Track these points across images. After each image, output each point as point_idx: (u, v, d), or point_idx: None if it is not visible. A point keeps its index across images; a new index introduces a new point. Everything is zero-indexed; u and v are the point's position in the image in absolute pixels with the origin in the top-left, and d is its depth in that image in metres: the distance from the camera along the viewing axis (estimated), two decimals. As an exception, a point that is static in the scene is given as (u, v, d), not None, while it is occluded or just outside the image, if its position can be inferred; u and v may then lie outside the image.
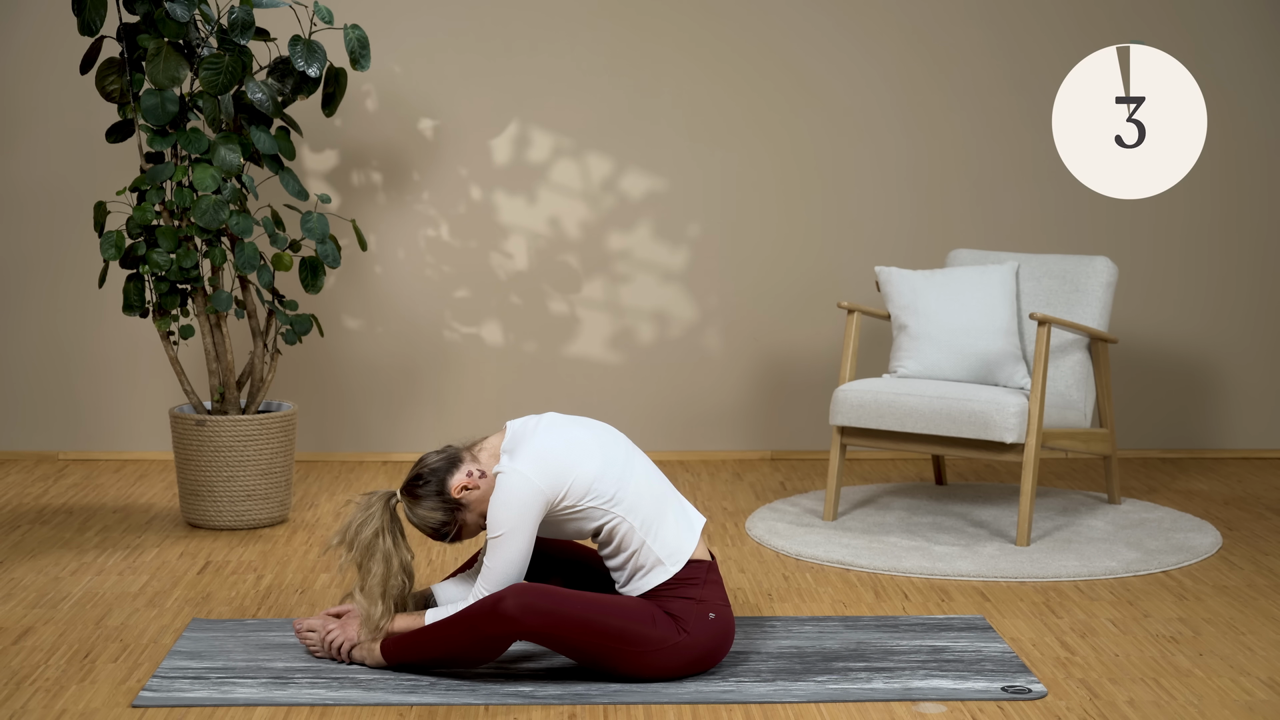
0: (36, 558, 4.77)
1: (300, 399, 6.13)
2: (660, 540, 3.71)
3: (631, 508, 3.70)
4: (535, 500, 3.65)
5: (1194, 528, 5.15)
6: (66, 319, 6.14)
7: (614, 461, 3.73)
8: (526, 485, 3.65)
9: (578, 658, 3.68)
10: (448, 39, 6.10)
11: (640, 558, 3.70)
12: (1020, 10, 6.18)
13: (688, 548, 3.73)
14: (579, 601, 3.63)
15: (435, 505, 3.74)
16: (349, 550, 3.75)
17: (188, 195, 4.97)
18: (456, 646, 3.65)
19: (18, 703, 3.57)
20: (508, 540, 3.65)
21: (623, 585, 3.75)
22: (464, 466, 3.75)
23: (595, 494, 3.69)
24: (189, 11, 4.88)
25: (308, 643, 3.85)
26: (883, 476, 5.97)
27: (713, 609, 3.71)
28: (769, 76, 6.16)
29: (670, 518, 3.75)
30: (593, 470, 3.69)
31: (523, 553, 3.67)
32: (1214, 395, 6.35)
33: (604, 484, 3.69)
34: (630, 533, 3.69)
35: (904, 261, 6.09)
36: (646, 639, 3.64)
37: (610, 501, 3.69)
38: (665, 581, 3.69)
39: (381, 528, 3.73)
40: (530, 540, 3.67)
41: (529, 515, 3.65)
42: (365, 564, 3.73)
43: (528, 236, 6.17)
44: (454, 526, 3.76)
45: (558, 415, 3.82)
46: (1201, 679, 3.76)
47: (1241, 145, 6.26)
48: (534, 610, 3.59)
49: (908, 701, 3.60)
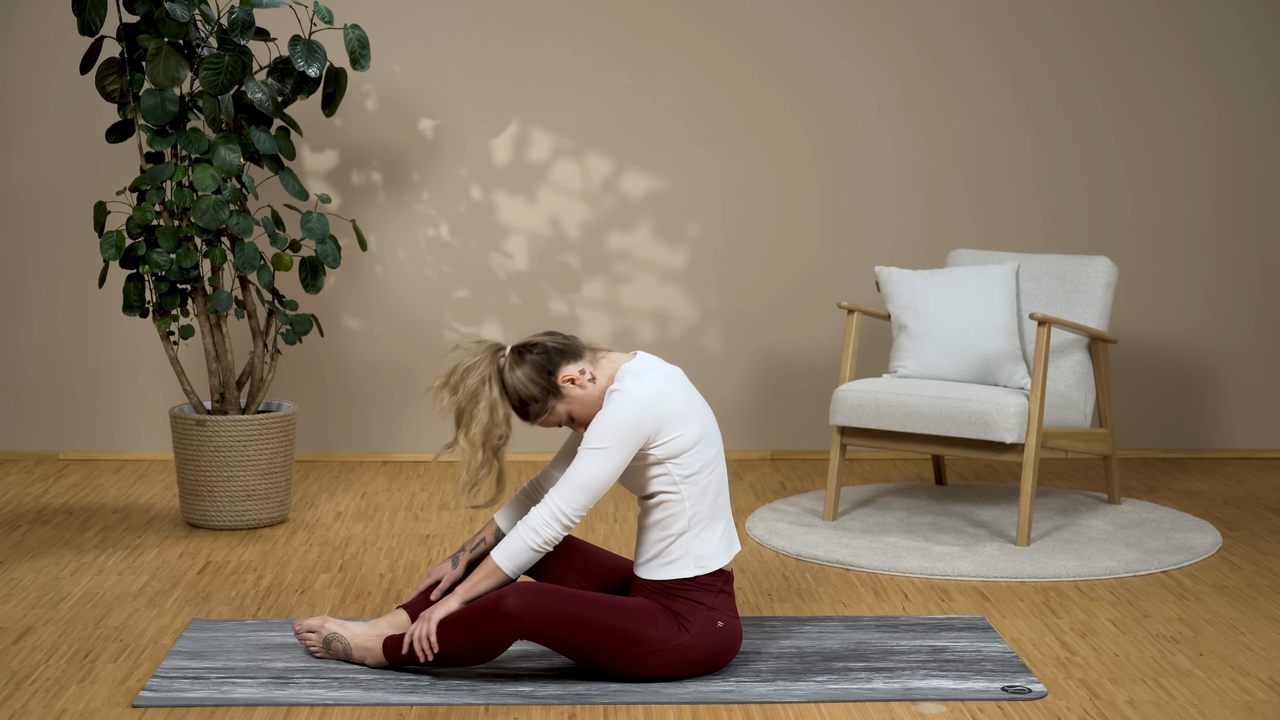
0: (36, 558, 4.77)
1: (300, 399, 6.13)
2: (701, 540, 3.70)
3: (698, 496, 3.69)
4: (640, 429, 3.62)
5: (1194, 528, 5.15)
6: (67, 319, 6.14)
7: (709, 444, 3.72)
8: (641, 410, 3.62)
9: (578, 657, 3.68)
10: (448, 39, 6.10)
11: (676, 547, 3.69)
12: (1019, 10, 6.17)
13: (719, 561, 3.72)
14: (581, 601, 3.62)
15: (536, 379, 3.68)
16: (451, 394, 3.66)
17: (188, 195, 4.97)
18: (457, 645, 3.65)
19: (18, 703, 3.57)
20: (603, 456, 3.62)
21: (642, 563, 3.74)
22: (581, 362, 3.72)
23: (680, 461, 3.67)
24: (189, 11, 4.88)
25: (307, 643, 3.85)
26: (883, 476, 5.97)
27: (722, 618, 3.71)
28: (769, 77, 6.16)
29: (720, 527, 3.75)
30: (692, 437, 3.67)
31: (609, 474, 3.63)
32: (1214, 395, 6.35)
33: (692, 457, 3.68)
34: (680, 516, 3.68)
35: (904, 261, 6.09)
36: (648, 639, 3.64)
37: (686, 479, 3.67)
38: (683, 579, 3.69)
39: (488, 376, 3.66)
40: (620, 465, 3.63)
41: (631, 439, 3.62)
42: (468, 410, 3.65)
43: (528, 236, 6.18)
44: (542, 409, 3.70)
45: (683, 374, 3.79)
46: (1201, 679, 3.76)
47: (1241, 145, 6.26)
48: (536, 609, 3.58)
49: (908, 701, 3.60)
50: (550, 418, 3.74)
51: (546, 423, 3.75)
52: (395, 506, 5.46)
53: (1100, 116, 6.22)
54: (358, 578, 4.58)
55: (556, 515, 3.64)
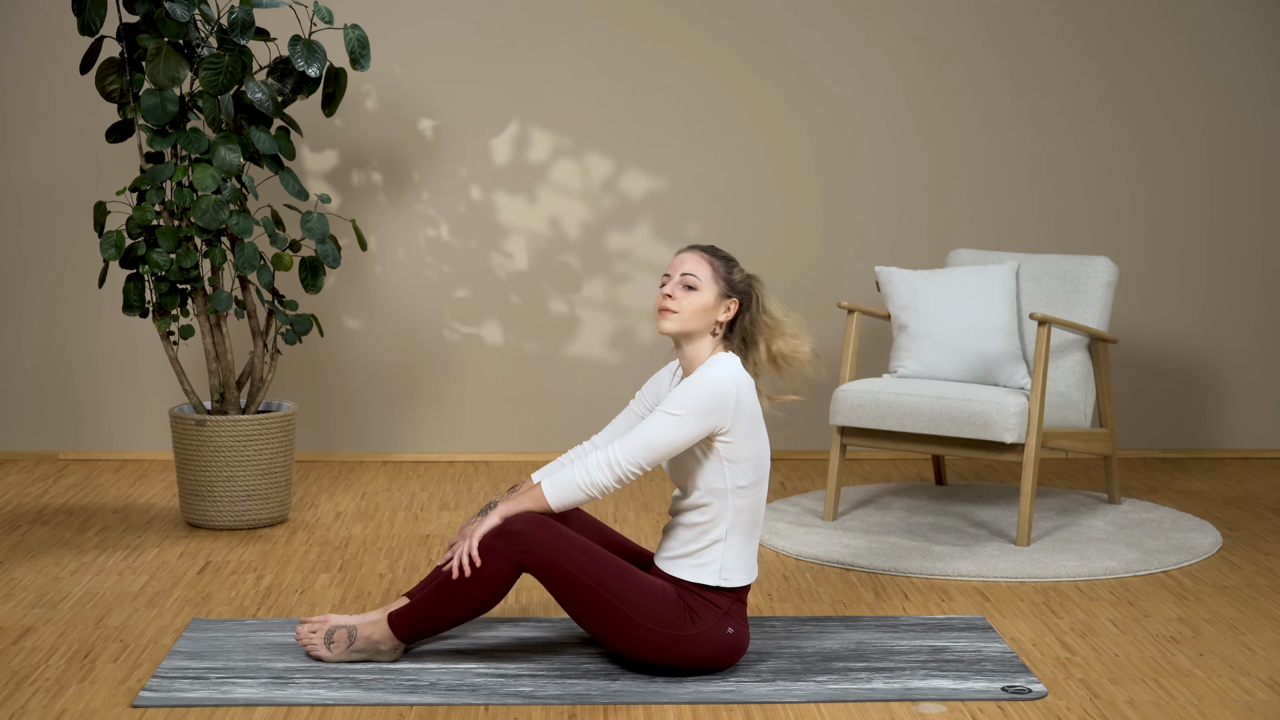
0: (36, 558, 4.77)
1: (300, 399, 6.13)
2: (734, 554, 3.71)
3: (744, 509, 3.70)
4: (722, 409, 3.63)
5: (1194, 528, 5.15)
6: (67, 319, 6.14)
7: (765, 464, 3.73)
8: (726, 391, 3.64)
9: (575, 607, 3.66)
10: (448, 39, 6.10)
11: (708, 553, 3.69)
12: (1019, 10, 6.18)
13: (742, 579, 3.73)
14: (589, 546, 3.64)
15: (732, 269, 3.80)
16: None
17: (188, 195, 4.97)
18: (460, 586, 3.64)
19: (18, 703, 3.57)
20: (677, 423, 3.62)
21: (668, 557, 3.74)
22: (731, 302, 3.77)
23: (741, 467, 3.67)
24: (189, 11, 4.88)
25: (309, 644, 3.83)
26: (883, 476, 5.97)
27: (733, 624, 3.71)
28: (768, 77, 6.16)
29: (752, 549, 3.75)
30: (759, 448, 3.70)
31: (677, 441, 3.62)
32: (1214, 395, 6.35)
33: (751, 469, 3.69)
34: (721, 523, 3.68)
35: (904, 261, 6.09)
36: (648, 612, 3.64)
37: (739, 489, 3.68)
38: (703, 585, 3.70)
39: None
40: (689, 438, 3.63)
41: (709, 416, 3.62)
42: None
43: (528, 236, 6.18)
44: (710, 287, 3.74)
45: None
46: (1201, 679, 3.76)
47: (1241, 145, 6.26)
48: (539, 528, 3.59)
49: (908, 701, 3.60)
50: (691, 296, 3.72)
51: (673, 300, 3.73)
52: (395, 506, 5.46)
53: (1100, 116, 6.22)
54: (358, 578, 4.58)
55: (612, 463, 3.64)
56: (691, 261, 3.76)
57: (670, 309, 3.73)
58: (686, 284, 3.74)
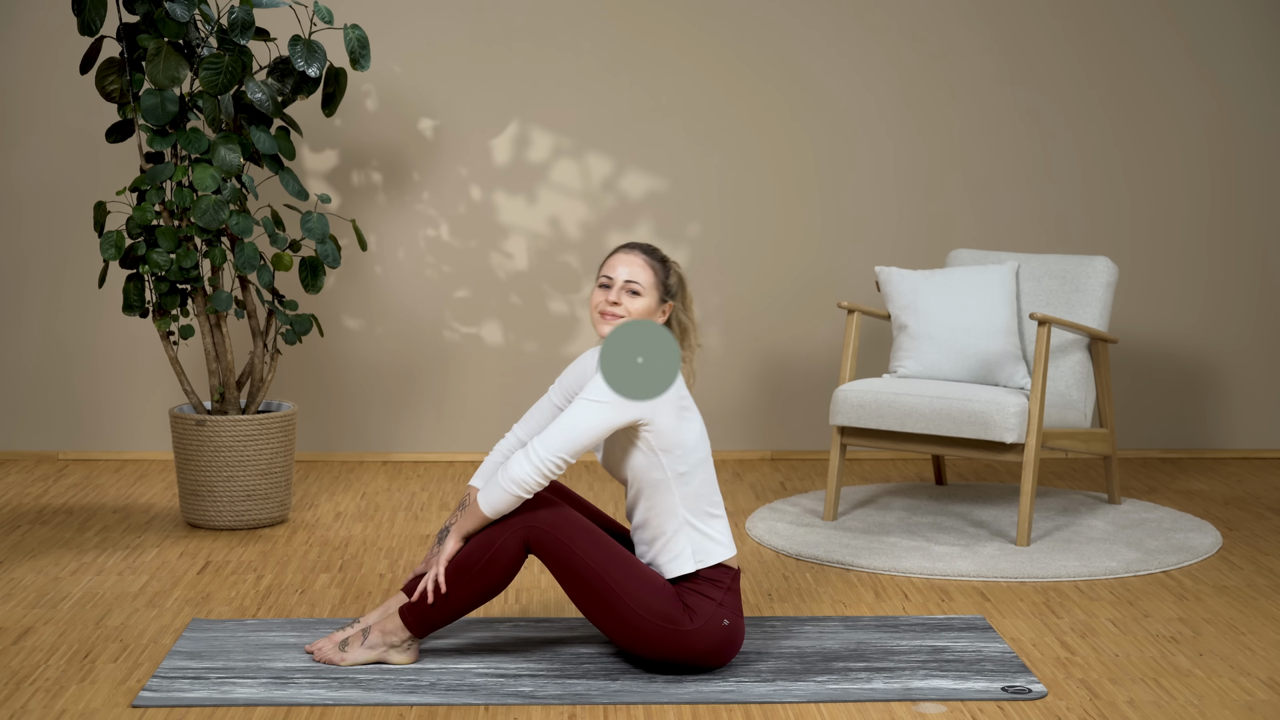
0: (36, 558, 4.77)
1: (300, 399, 6.13)
2: (700, 535, 3.71)
3: (691, 496, 3.71)
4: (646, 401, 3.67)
5: (1194, 528, 5.15)
6: (66, 319, 6.14)
7: (700, 446, 3.74)
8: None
9: (575, 590, 3.67)
10: (448, 39, 6.10)
11: (675, 542, 3.70)
12: (1019, 10, 6.18)
13: (720, 554, 3.73)
14: (594, 531, 3.66)
15: (668, 273, 3.84)
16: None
17: (188, 195, 4.97)
18: (470, 572, 3.65)
19: (18, 703, 3.57)
20: (596, 411, 3.64)
21: (647, 559, 3.76)
22: (668, 306, 3.83)
23: (675, 454, 3.68)
24: (189, 11, 4.88)
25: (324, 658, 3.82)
26: (883, 476, 5.97)
27: (728, 616, 3.72)
28: (768, 77, 6.16)
29: (719, 524, 3.76)
30: (690, 431, 3.71)
31: (599, 431, 3.64)
32: (1214, 395, 6.35)
33: (686, 452, 3.69)
34: (673, 514, 3.69)
35: (904, 261, 6.09)
36: (645, 604, 3.64)
37: (682, 475, 3.69)
38: (690, 575, 3.70)
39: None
40: (607, 431, 3.65)
41: (631, 406, 3.64)
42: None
43: (528, 236, 6.18)
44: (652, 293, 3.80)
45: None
46: (1201, 679, 3.76)
47: (1241, 145, 6.26)
48: (546, 507, 3.64)
49: (908, 701, 3.60)
50: (635, 300, 3.78)
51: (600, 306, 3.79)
52: (395, 506, 5.46)
53: (1100, 116, 6.22)
54: (358, 578, 4.58)
55: (534, 459, 3.64)
56: (635, 267, 3.79)
57: (615, 314, 3.77)
58: (631, 289, 3.78)
